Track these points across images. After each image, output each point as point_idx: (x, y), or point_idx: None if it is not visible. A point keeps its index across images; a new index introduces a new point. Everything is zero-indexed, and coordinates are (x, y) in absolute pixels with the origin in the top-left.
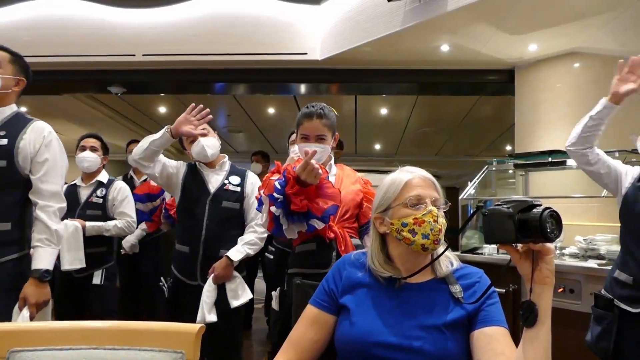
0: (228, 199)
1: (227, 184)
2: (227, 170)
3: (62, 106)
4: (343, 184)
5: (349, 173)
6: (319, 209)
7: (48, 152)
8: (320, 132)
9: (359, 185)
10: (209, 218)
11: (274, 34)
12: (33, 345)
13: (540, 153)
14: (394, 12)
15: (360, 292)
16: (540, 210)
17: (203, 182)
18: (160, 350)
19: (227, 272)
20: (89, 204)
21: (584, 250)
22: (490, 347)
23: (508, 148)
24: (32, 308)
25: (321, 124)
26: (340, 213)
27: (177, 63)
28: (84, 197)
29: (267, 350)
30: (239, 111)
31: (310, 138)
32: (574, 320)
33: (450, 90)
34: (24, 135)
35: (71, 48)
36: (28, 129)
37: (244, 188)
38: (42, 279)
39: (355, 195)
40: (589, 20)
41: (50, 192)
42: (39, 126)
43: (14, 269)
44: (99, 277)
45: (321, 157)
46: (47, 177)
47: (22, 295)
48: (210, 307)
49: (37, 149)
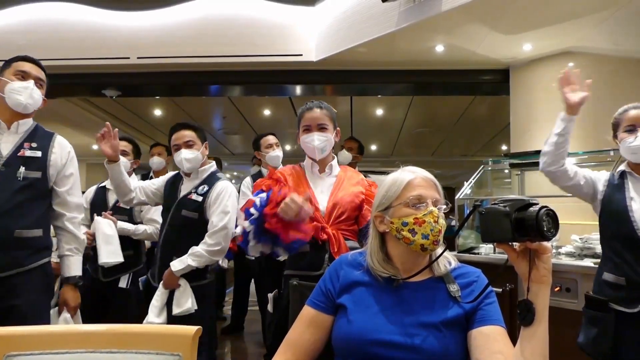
0: (187, 208)
1: (192, 192)
2: (201, 178)
3: (56, 110)
4: (342, 186)
5: (351, 175)
6: (287, 238)
7: (72, 166)
8: (322, 120)
9: (360, 187)
10: (169, 224)
11: (268, 36)
12: (29, 350)
13: (535, 152)
14: (389, 12)
15: (358, 290)
16: (536, 209)
17: (176, 190)
18: (157, 353)
19: (170, 280)
20: (117, 209)
21: (580, 249)
22: (488, 346)
23: (504, 148)
24: (72, 311)
25: (322, 113)
26: (335, 214)
27: (172, 65)
28: (112, 201)
29: (262, 352)
30: (234, 113)
31: (312, 127)
32: (570, 319)
33: (445, 90)
34: (53, 150)
35: (66, 51)
36: (55, 143)
37: (207, 198)
38: (77, 285)
39: (355, 197)
40: (582, 20)
41: (75, 204)
42: (63, 142)
43: (48, 272)
44: (126, 280)
45: (325, 146)
46: (73, 191)
47: (61, 300)
48: (158, 310)
49: (64, 163)
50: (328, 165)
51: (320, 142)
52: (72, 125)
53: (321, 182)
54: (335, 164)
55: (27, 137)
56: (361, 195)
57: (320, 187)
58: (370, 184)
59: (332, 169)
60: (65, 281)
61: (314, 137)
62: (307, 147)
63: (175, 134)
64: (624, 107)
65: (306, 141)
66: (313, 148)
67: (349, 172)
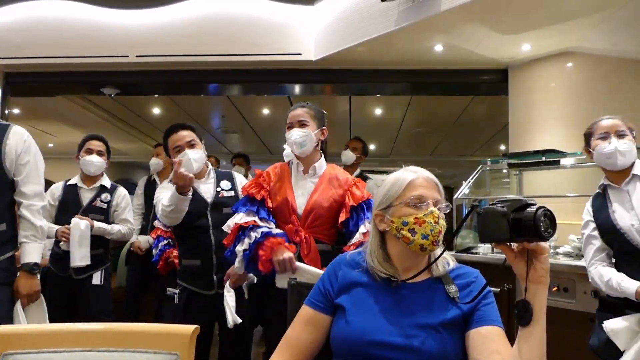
0: (227, 205)
1: (221, 190)
2: (214, 177)
3: (55, 108)
4: (322, 189)
5: (336, 175)
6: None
7: (28, 154)
8: (302, 117)
9: (341, 191)
10: (214, 227)
11: (268, 35)
12: (27, 348)
13: (534, 152)
14: (388, 12)
15: (356, 291)
16: (534, 209)
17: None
18: (155, 352)
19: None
20: (93, 208)
21: (578, 249)
22: (486, 346)
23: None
24: (24, 299)
25: (303, 111)
26: (311, 219)
27: (170, 64)
28: (86, 200)
29: (262, 351)
30: (233, 112)
31: (294, 124)
32: (567, 319)
33: (444, 90)
34: (7, 141)
35: (64, 49)
36: (10, 133)
37: (237, 191)
38: (32, 272)
39: (333, 202)
40: (581, 20)
41: (34, 192)
42: (18, 131)
43: (9, 267)
44: (99, 277)
45: (303, 140)
46: (29, 178)
47: (15, 287)
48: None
49: (19, 152)
50: (312, 167)
51: (299, 137)
52: (71, 123)
53: (303, 182)
54: (321, 164)
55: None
56: (340, 199)
57: (302, 189)
58: (356, 181)
59: (316, 169)
60: (20, 268)
61: (293, 132)
62: (289, 142)
63: (173, 136)
64: (598, 118)
65: (287, 137)
66: (292, 142)
67: (335, 171)
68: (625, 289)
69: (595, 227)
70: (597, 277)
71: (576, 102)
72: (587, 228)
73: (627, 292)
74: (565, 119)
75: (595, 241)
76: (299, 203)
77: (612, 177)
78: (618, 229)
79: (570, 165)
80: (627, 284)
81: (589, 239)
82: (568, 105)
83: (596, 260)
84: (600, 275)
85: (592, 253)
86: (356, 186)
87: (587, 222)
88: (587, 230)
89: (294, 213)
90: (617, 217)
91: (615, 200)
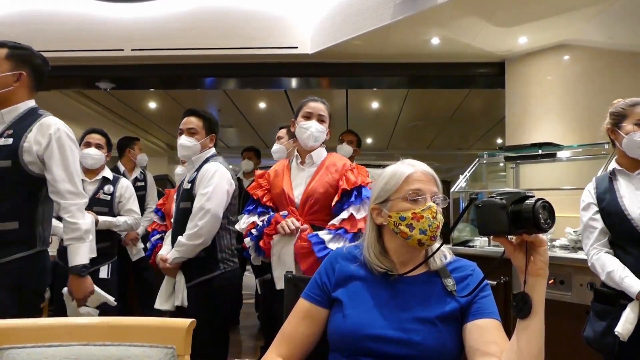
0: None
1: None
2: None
3: (50, 103)
4: (318, 176)
5: (334, 162)
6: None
7: (55, 150)
8: (323, 112)
9: (337, 176)
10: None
11: (264, 28)
12: (22, 342)
13: (530, 145)
14: (384, 5)
15: (353, 285)
16: (533, 201)
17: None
18: (150, 346)
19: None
20: (97, 201)
21: (574, 242)
22: (483, 338)
23: (499, 141)
24: (80, 302)
25: (324, 107)
26: (308, 206)
27: (166, 58)
28: (89, 193)
29: (259, 345)
30: (229, 106)
31: (313, 116)
32: (564, 311)
33: (440, 83)
34: (28, 134)
35: (59, 43)
36: (34, 127)
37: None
38: (80, 274)
39: (329, 187)
40: (577, 13)
41: (65, 190)
42: (46, 123)
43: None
44: (106, 271)
45: (319, 136)
46: (58, 176)
47: (68, 289)
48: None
49: (44, 147)
50: (308, 156)
51: (317, 131)
52: (67, 118)
53: (301, 173)
54: (319, 153)
55: (11, 125)
56: (336, 184)
57: (299, 179)
58: (354, 166)
59: (313, 158)
60: (68, 272)
61: (313, 124)
62: (303, 132)
63: (184, 119)
64: (634, 100)
65: (304, 126)
66: (310, 134)
67: (332, 158)
68: (628, 286)
69: (597, 211)
70: (598, 265)
71: (573, 95)
72: (588, 210)
73: (629, 290)
74: (562, 112)
75: (597, 224)
76: (296, 193)
77: (626, 164)
78: (626, 214)
79: (567, 158)
80: (631, 282)
81: (590, 222)
82: (564, 98)
83: (598, 245)
84: (602, 264)
85: (595, 237)
86: (352, 171)
87: (588, 204)
88: (589, 212)
89: (291, 204)
90: (626, 202)
91: (625, 186)
